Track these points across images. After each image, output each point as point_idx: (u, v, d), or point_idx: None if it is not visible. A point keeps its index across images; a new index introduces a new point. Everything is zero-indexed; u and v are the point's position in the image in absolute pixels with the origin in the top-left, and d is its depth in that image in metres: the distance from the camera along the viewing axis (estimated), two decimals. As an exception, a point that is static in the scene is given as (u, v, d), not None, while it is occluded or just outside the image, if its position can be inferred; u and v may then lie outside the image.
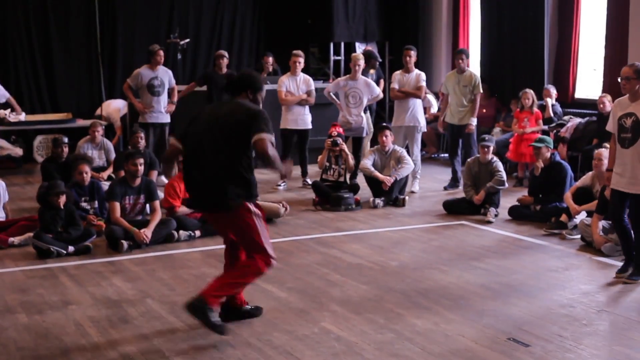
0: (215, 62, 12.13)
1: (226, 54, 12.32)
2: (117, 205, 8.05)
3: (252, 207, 5.35)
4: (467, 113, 11.02)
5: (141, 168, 8.23)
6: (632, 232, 6.74)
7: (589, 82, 12.75)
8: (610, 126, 6.78)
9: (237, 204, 5.28)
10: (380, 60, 13.45)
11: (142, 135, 10.38)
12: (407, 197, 10.19)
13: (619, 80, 6.69)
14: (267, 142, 5.21)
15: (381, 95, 11.34)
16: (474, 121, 11.09)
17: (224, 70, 11.95)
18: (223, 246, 8.30)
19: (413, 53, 11.07)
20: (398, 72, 11.18)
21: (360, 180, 10.46)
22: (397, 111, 11.07)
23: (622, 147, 6.60)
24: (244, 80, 5.60)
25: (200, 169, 5.34)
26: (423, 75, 11.09)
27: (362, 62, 11.07)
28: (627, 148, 6.55)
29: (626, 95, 6.65)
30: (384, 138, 10.19)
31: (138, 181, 8.23)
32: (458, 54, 11.24)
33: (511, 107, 12.60)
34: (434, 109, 14.24)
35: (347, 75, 11.26)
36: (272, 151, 5.25)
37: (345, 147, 10.28)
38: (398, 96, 10.98)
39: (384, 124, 10.78)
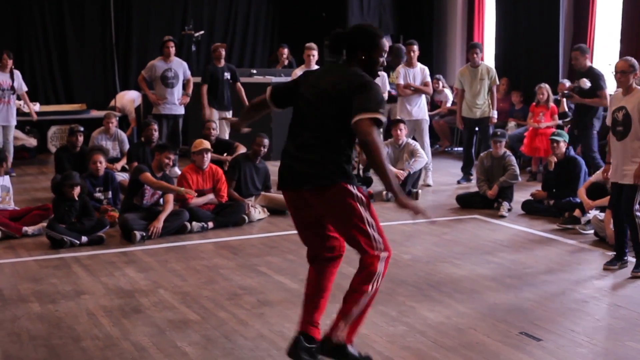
0: (214, 55, 11.78)
1: (223, 44, 12.06)
2: (148, 174, 8.17)
3: (353, 189, 4.34)
4: (484, 107, 11.00)
5: (172, 163, 8.45)
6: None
7: (604, 77, 12.66)
8: (609, 120, 6.87)
9: (334, 181, 4.31)
10: (404, 58, 12.97)
11: (156, 127, 10.41)
12: (420, 191, 10.17)
13: (613, 74, 6.74)
14: (371, 125, 4.12)
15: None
16: (495, 113, 11.08)
17: (222, 62, 11.69)
18: (235, 237, 8.32)
19: (416, 47, 11.04)
20: (400, 66, 11.11)
21: (373, 173, 10.44)
22: (403, 105, 10.99)
23: (616, 140, 6.70)
24: (352, 39, 4.40)
25: (296, 146, 4.44)
26: (427, 70, 11.08)
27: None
28: (619, 141, 6.66)
29: (620, 89, 6.75)
30: (398, 131, 10.16)
31: (160, 173, 8.29)
32: (472, 48, 11.24)
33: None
34: (449, 103, 14.20)
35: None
36: (378, 140, 4.12)
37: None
38: (407, 92, 10.92)
39: (398, 117, 10.74)
